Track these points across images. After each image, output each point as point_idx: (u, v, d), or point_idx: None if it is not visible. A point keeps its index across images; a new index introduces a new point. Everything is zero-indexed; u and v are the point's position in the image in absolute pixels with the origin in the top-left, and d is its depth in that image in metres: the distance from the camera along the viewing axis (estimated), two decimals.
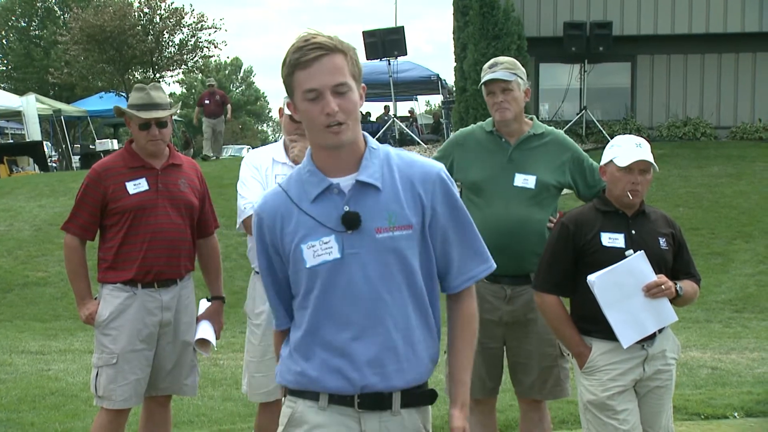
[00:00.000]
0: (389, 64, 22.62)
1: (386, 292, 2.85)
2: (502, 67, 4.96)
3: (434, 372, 3.06)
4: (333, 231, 2.82)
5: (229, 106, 23.39)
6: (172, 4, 35.31)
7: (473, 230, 3.04)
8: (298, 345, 2.92)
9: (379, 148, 2.94)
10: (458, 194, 3.04)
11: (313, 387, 2.89)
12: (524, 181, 4.95)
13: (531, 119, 5.14)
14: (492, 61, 5.08)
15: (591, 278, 4.36)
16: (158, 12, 34.73)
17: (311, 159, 2.91)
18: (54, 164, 26.89)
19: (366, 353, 2.83)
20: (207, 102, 22.51)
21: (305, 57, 2.75)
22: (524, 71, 5.06)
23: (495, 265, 3.12)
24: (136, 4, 35.45)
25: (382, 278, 2.84)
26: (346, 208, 2.83)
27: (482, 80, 5.01)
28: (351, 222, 2.82)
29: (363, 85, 2.91)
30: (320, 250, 2.82)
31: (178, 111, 5.95)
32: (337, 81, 2.76)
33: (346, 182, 2.86)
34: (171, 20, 34.85)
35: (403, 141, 23.65)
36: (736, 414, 7.68)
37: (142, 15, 34.46)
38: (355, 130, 2.83)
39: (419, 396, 2.96)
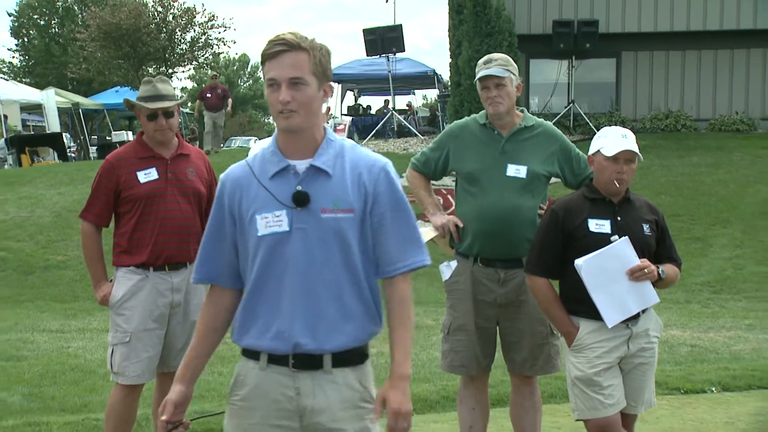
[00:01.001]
0: (388, 60, 22.60)
1: (323, 265, 2.97)
2: (496, 64, 4.95)
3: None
4: (285, 206, 2.97)
5: (230, 100, 22.92)
6: (184, 3, 35.38)
7: (412, 223, 3.15)
8: (244, 307, 3.06)
9: (336, 140, 3.09)
10: (401, 189, 3.14)
11: (254, 347, 3.03)
12: (516, 171, 4.94)
13: (522, 112, 5.13)
14: (486, 57, 5.07)
15: (578, 262, 4.36)
16: (171, 11, 34.77)
17: (275, 141, 3.09)
18: (73, 154, 26.83)
19: (300, 317, 2.96)
20: (208, 96, 22.09)
21: (271, 50, 2.95)
22: (516, 67, 5.06)
23: (429, 261, 3.18)
24: (150, 4, 35.52)
25: (322, 253, 2.97)
26: (299, 188, 2.98)
27: (477, 76, 4.99)
28: (300, 200, 2.97)
29: (330, 83, 3.09)
30: (272, 222, 2.97)
31: (189, 105, 5.93)
32: (293, 75, 2.94)
33: (301, 165, 3.02)
34: (183, 19, 34.90)
35: (402, 132, 23.66)
36: (713, 389, 7.69)
37: (155, 14, 34.51)
38: (308, 119, 2.99)
39: (348, 356, 3.02)
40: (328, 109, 5.15)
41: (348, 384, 3.02)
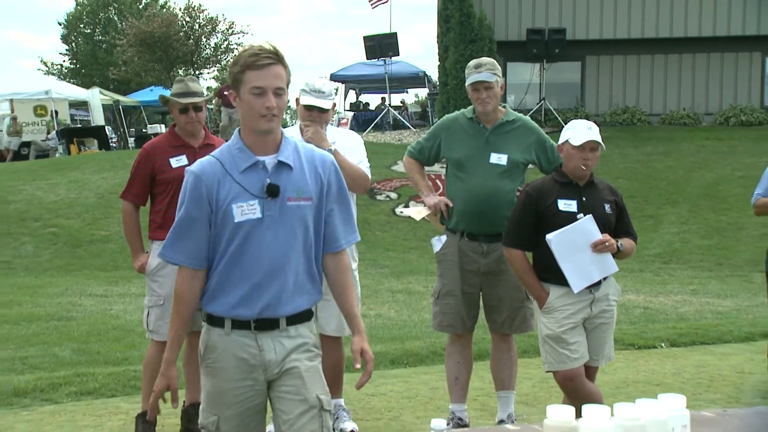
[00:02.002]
0: (385, 63, 22.58)
1: (289, 246, 3.02)
2: (486, 69, 4.96)
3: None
4: (257, 197, 2.99)
5: None
6: (208, 14, 35.13)
7: (351, 207, 3.30)
8: (215, 281, 3.05)
9: (289, 138, 3.11)
10: (344, 181, 3.23)
11: (221, 314, 3.05)
12: (498, 159, 4.96)
13: (504, 108, 5.13)
14: (476, 62, 5.05)
15: (549, 236, 4.35)
16: (197, 21, 34.55)
17: (240, 138, 3.08)
18: (114, 144, 26.72)
19: (267, 290, 3.00)
20: (226, 94, 21.68)
21: (259, 62, 2.94)
22: (500, 69, 5.07)
23: (359, 237, 3.33)
24: (179, 15, 35.28)
25: (288, 235, 3.02)
26: (269, 181, 3.00)
27: (469, 80, 4.98)
28: (273, 191, 2.99)
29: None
30: (246, 210, 2.98)
31: (213, 102, 5.91)
32: (278, 85, 2.97)
33: (269, 160, 3.03)
34: (207, 27, 34.69)
35: (396, 126, 23.62)
36: (663, 344, 7.73)
37: (184, 23, 34.29)
38: (280, 122, 3.04)
39: (299, 317, 3.10)
40: (334, 105, 5.14)
41: (300, 334, 3.10)
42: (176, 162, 5.02)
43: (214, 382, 3.07)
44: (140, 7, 50.74)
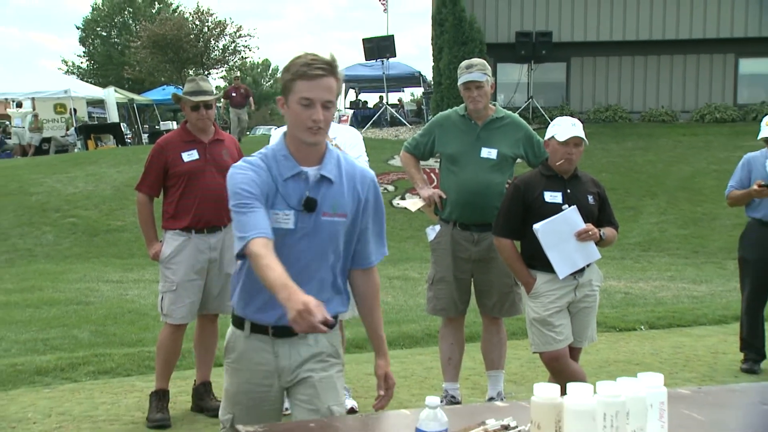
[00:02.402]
0: (382, 63, 22.49)
1: (316, 258, 2.81)
2: (477, 69, 4.95)
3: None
4: (293, 208, 2.76)
5: (251, 98, 22.12)
6: (216, 17, 35.02)
7: (384, 223, 3.00)
8: (243, 283, 2.87)
9: (333, 150, 2.88)
10: (381, 197, 2.99)
11: (244, 316, 2.87)
12: (488, 153, 4.95)
13: (494, 105, 5.12)
14: (468, 62, 5.05)
15: (536, 226, 4.35)
16: (206, 24, 34.45)
17: (285, 145, 2.82)
18: (129, 140, 26.67)
19: None
20: (234, 95, 21.42)
21: (311, 72, 2.68)
22: (490, 69, 5.06)
23: (387, 251, 3.05)
24: (189, 18, 35.18)
25: (317, 248, 2.80)
26: (307, 194, 2.77)
27: (461, 80, 4.98)
28: (310, 206, 2.77)
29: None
30: (281, 219, 2.75)
31: (222, 101, 5.90)
32: (327, 98, 2.71)
33: (312, 172, 2.79)
34: (216, 30, 34.58)
35: (393, 122, 23.57)
36: (642, 327, 7.75)
37: (194, 26, 34.19)
38: (326, 135, 2.79)
39: None
40: None
41: (318, 343, 2.87)
42: (188, 156, 5.01)
43: (231, 381, 2.92)
44: (153, 11, 50.62)
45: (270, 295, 2.65)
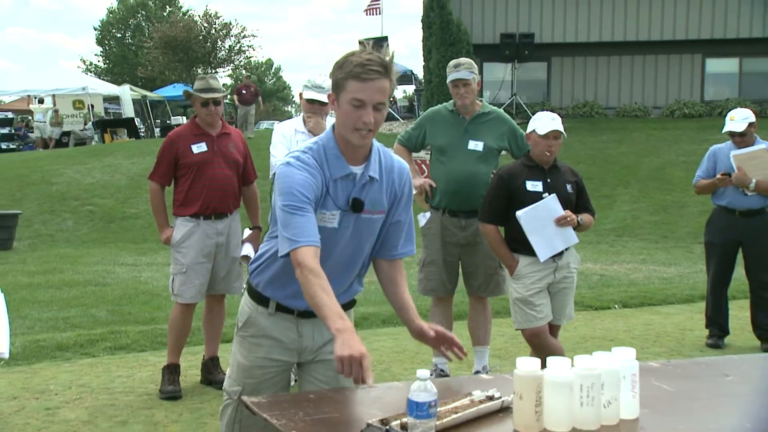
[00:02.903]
0: None
1: (353, 254, 2.65)
2: (464, 68, 4.94)
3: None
4: (339, 209, 2.55)
5: (260, 97, 21.74)
6: (223, 19, 34.88)
7: (412, 218, 2.76)
8: (276, 269, 2.64)
9: (375, 145, 2.64)
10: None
11: (268, 296, 2.68)
12: (475, 145, 4.94)
13: (481, 101, 5.11)
14: (456, 61, 5.04)
15: (519, 213, 4.35)
16: (214, 25, 34.31)
17: (336, 142, 2.56)
18: (142, 134, 26.56)
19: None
20: (243, 92, 21.19)
21: (365, 75, 2.41)
22: (477, 68, 5.04)
23: (414, 250, 2.81)
24: (198, 21, 35.02)
25: (355, 245, 2.63)
26: (354, 195, 2.56)
27: (450, 77, 4.97)
28: (357, 207, 2.56)
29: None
30: (327, 218, 2.55)
31: (229, 97, 5.86)
32: (379, 100, 2.45)
33: (359, 172, 2.57)
34: (223, 31, 34.48)
35: (387, 117, 23.45)
36: (616, 306, 7.77)
37: (202, 28, 34.06)
38: (374, 137, 2.57)
39: (343, 307, 2.52)
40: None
41: None
42: (197, 148, 4.98)
43: (245, 355, 2.72)
44: (165, 14, 50.36)
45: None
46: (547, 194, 4.38)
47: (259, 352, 2.70)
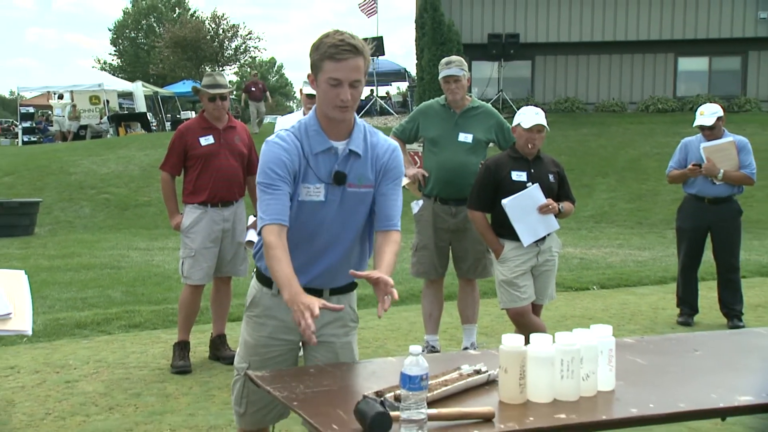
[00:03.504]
0: (373, 61, 22.28)
1: (345, 226, 2.57)
2: (455, 65, 4.92)
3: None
4: (323, 182, 2.51)
5: (268, 93, 21.69)
6: (229, 21, 34.71)
7: (401, 189, 2.72)
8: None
9: (360, 123, 2.60)
10: (403, 167, 2.75)
11: (270, 275, 2.56)
12: (465, 137, 4.92)
13: (470, 96, 5.09)
14: (447, 59, 5.02)
15: (504, 201, 4.34)
16: (221, 27, 34.14)
17: (317, 119, 2.54)
18: (154, 127, 26.44)
19: (320, 264, 2.58)
20: (253, 89, 21.01)
21: (339, 55, 2.40)
22: (467, 65, 5.02)
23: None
24: (206, 22, 34.83)
25: (345, 218, 2.56)
26: (337, 168, 2.52)
27: (441, 74, 4.95)
28: (339, 180, 2.52)
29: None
30: (312, 192, 2.51)
31: (235, 93, 5.82)
32: (355, 78, 2.43)
33: (341, 147, 2.53)
34: (229, 32, 34.31)
35: (383, 112, 23.48)
36: (594, 287, 7.78)
37: (210, 28, 33.88)
38: (353, 111, 2.53)
39: (343, 289, 2.67)
40: None
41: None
42: (204, 141, 4.97)
43: (251, 334, 2.66)
44: (175, 15, 50.08)
45: (300, 261, 2.50)
46: (530, 184, 4.37)
47: (263, 331, 2.65)
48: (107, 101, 25.90)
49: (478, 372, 2.31)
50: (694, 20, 21.25)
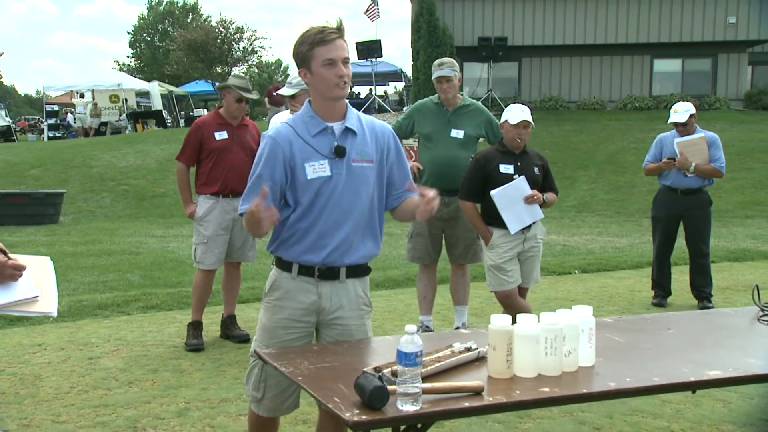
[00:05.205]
0: (371, 62, 22.28)
1: (353, 200, 2.54)
2: (447, 66, 4.91)
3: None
4: (326, 157, 2.51)
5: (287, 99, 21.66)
6: (236, 25, 34.49)
7: (406, 162, 2.74)
8: (288, 229, 2.56)
9: (352, 108, 2.62)
10: (402, 146, 2.78)
11: (290, 259, 2.58)
12: (457, 133, 4.92)
13: (462, 95, 5.08)
14: (439, 60, 5.01)
15: (493, 192, 4.35)
16: (229, 30, 33.94)
17: (311, 108, 2.57)
18: (169, 124, 26.35)
19: (333, 239, 2.54)
20: (274, 95, 21.12)
21: (327, 37, 2.47)
22: (458, 66, 5.01)
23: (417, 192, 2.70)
24: (215, 25, 34.66)
25: (352, 192, 2.54)
26: (336, 143, 2.52)
27: (435, 74, 4.93)
28: (340, 152, 2.51)
29: None
30: (318, 169, 2.50)
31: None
32: (345, 56, 2.50)
33: (337, 126, 2.54)
34: (237, 35, 34.09)
35: (381, 110, 23.40)
36: (576, 271, 7.80)
37: (219, 32, 33.67)
38: (349, 88, 2.54)
39: (358, 271, 2.62)
40: None
41: (356, 292, 2.62)
42: (219, 136, 4.96)
43: (270, 317, 2.60)
44: (188, 20, 49.86)
45: (313, 237, 2.52)
46: (517, 176, 4.38)
47: (282, 313, 2.59)
48: (126, 100, 25.81)
49: (468, 349, 2.31)
50: (668, 25, 21.22)
